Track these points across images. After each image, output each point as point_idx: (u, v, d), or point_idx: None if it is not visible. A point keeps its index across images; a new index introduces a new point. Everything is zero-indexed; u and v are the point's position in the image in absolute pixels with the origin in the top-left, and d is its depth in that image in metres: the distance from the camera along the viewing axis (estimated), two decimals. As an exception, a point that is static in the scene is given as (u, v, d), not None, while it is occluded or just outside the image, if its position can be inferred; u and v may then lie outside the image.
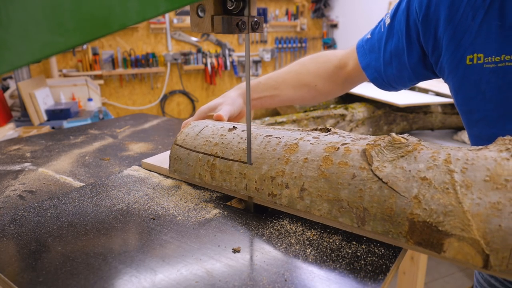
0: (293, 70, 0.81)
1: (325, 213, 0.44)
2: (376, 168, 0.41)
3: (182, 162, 0.59)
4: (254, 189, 0.50)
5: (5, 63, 0.25)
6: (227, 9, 0.43)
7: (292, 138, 0.51)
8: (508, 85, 0.53)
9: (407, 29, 0.64)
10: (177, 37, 4.00)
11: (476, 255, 0.35)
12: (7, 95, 2.46)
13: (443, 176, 0.38)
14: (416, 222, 0.38)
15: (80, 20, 0.26)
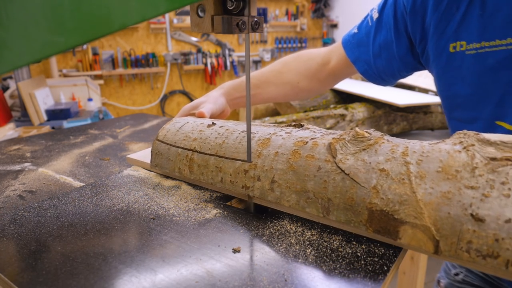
0: (275, 69, 0.83)
1: (294, 204, 0.47)
2: (339, 161, 0.44)
3: (163, 157, 0.61)
4: (229, 182, 0.53)
5: (5, 63, 0.25)
6: (227, 9, 0.43)
7: (266, 133, 0.53)
8: (486, 70, 0.56)
9: (395, 21, 0.67)
10: (177, 37, 4.00)
11: (427, 241, 0.37)
12: (7, 95, 2.46)
13: (400, 168, 0.40)
14: (374, 211, 0.40)
15: (80, 20, 0.26)
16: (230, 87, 0.82)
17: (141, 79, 3.97)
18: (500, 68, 0.55)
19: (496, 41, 0.54)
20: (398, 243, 0.40)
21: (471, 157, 0.38)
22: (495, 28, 0.54)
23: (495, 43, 0.54)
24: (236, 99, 0.82)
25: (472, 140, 0.39)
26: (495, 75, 0.56)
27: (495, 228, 0.34)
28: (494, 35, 0.54)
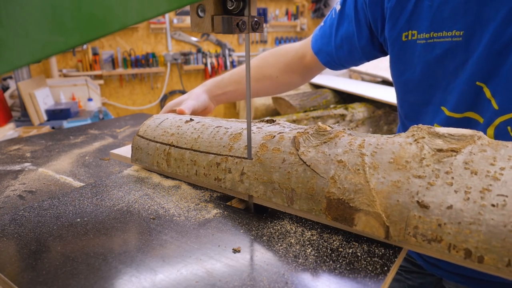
0: (255, 64, 0.86)
1: (261, 194, 0.49)
2: (302, 153, 0.46)
3: (143, 152, 0.63)
4: (203, 174, 0.55)
5: (5, 63, 0.25)
6: (227, 9, 0.43)
7: (239, 128, 0.55)
8: (435, 59, 0.59)
9: (356, 13, 0.70)
10: (177, 37, 4.00)
11: (379, 227, 0.40)
12: (7, 95, 2.46)
13: (355, 159, 0.42)
14: (332, 200, 0.43)
15: (80, 20, 0.26)
16: (212, 85, 0.85)
17: (141, 79, 3.97)
18: (446, 57, 0.58)
19: (443, 32, 0.57)
20: (354, 229, 0.42)
21: (420, 148, 0.40)
22: (443, 19, 0.57)
23: (443, 34, 0.57)
24: (218, 95, 0.84)
25: (423, 133, 0.42)
26: (442, 64, 0.59)
27: (438, 214, 0.36)
28: (442, 26, 0.57)
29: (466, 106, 0.59)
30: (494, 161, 0.37)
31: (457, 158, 0.38)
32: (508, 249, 0.33)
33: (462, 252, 0.36)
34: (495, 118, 0.56)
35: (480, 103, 0.57)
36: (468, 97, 0.58)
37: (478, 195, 0.35)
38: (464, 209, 0.35)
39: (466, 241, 0.35)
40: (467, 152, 0.39)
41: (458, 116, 0.60)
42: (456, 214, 0.36)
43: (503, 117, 0.56)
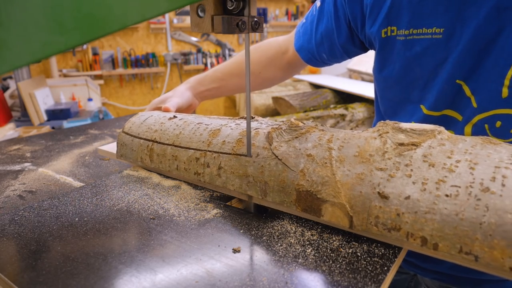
0: (238, 60, 0.86)
1: (237, 187, 0.51)
2: (274, 148, 0.48)
3: (127, 148, 0.65)
4: (183, 169, 0.57)
5: (5, 63, 0.25)
6: (227, 9, 0.43)
7: (218, 124, 0.57)
8: (414, 56, 0.59)
9: (335, 10, 0.69)
10: (177, 37, 4.00)
11: (344, 217, 0.42)
12: (7, 95, 2.46)
13: (324, 153, 0.44)
14: (301, 192, 0.45)
15: (80, 20, 0.26)
16: (196, 82, 0.86)
17: (141, 79, 3.97)
18: (425, 55, 0.58)
19: (423, 29, 0.57)
20: (321, 220, 0.45)
21: (384, 142, 0.42)
22: (423, 16, 0.56)
23: (422, 31, 0.57)
24: (202, 92, 0.86)
25: (388, 128, 0.44)
26: (421, 61, 0.59)
27: (397, 204, 0.38)
28: (421, 23, 0.57)
29: (445, 104, 0.59)
30: (451, 154, 0.39)
31: (416, 151, 0.40)
32: (460, 236, 0.35)
33: (419, 239, 0.38)
34: (473, 116, 0.57)
35: (459, 101, 0.58)
36: (447, 95, 0.58)
37: (434, 186, 0.37)
38: (420, 199, 0.37)
39: (422, 229, 0.37)
40: (427, 146, 0.41)
41: (436, 114, 0.60)
42: (413, 204, 0.38)
43: (481, 115, 0.56)
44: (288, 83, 3.16)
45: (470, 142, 0.40)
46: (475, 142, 0.40)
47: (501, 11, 0.50)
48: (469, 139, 0.41)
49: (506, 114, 0.54)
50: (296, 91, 3.01)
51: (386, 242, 0.41)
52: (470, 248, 0.35)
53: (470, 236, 0.35)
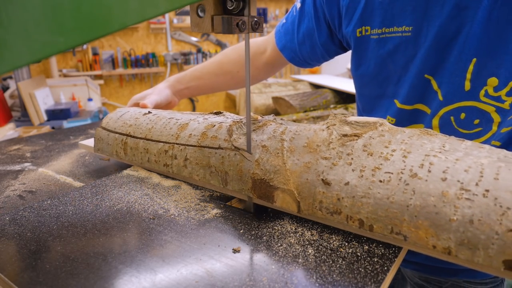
0: (216, 60, 0.90)
1: (201, 178, 0.55)
2: (233, 140, 0.51)
3: (104, 142, 0.68)
4: (154, 161, 0.61)
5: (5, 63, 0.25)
6: (227, 9, 0.43)
7: (187, 119, 0.60)
8: (387, 53, 0.62)
9: (315, 11, 0.72)
10: (177, 37, 4.00)
11: (293, 203, 0.45)
12: (7, 95, 2.46)
13: (277, 144, 0.48)
14: (256, 180, 0.48)
15: (80, 20, 0.26)
16: (175, 80, 0.90)
17: (141, 79, 3.97)
18: (397, 52, 0.61)
19: (394, 28, 0.60)
20: (274, 206, 0.48)
21: (330, 134, 0.45)
22: (393, 16, 0.60)
23: (393, 30, 0.60)
24: (180, 90, 0.90)
25: (335, 121, 0.47)
26: (393, 58, 0.62)
27: (338, 190, 0.42)
28: (392, 22, 0.60)
29: (416, 98, 0.62)
30: (389, 144, 0.42)
31: (358, 142, 0.44)
32: (391, 218, 0.39)
33: (357, 222, 0.41)
34: (439, 109, 0.60)
35: (428, 95, 0.61)
36: (417, 90, 0.61)
37: (370, 173, 0.41)
38: (358, 184, 0.41)
39: (359, 212, 0.40)
40: (368, 136, 0.44)
41: (408, 108, 0.64)
42: (351, 189, 0.41)
43: (446, 108, 0.59)
44: (288, 83, 3.16)
45: (408, 134, 0.44)
46: (413, 133, 0.44)
47: (461, 9, 0.54)
48: (408, 130, 0.44)
49: (470, 106, 0.58)
50: (296, 91, 3.01)
51: (330, 224, 0.45)
52: (399, 228, 0.38)
53: (399, 217, 0.38)
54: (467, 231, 0.35)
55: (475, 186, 0.36)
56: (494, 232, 0.34)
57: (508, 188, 0.35)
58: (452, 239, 0.36)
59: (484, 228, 0.34)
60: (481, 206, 0.35)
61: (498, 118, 0.57)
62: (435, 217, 0.36)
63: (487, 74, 0.55)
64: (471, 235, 0.35)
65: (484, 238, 0.34)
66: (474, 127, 0.59)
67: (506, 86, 0.54)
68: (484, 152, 0.39)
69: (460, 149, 0.40)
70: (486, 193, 0.35)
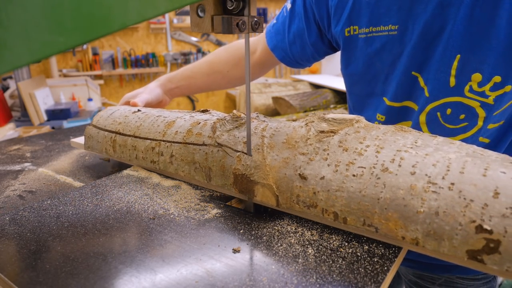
0: (207, 60, 0.91)
1: (187, 173, 0.56)
2: (217, 136, 0.53)
3: (93, 140, 0.70)
4: (141, 158, 0.62)
5: (5, 63, 0.25)
6: (227, 9, 0.43)
7: (174, 117, 0.62)
8: (375, 52, 0.64)
9: (305, 11, 0.74)
10: (177, 37, 4.00)
11: (271, 197, 0.47)
12: (7, 95, 2.46)
13: (257, 140, 0.49)
14: (238, 175, 0.50)
15: (80, 20, 0.26)
16: (166, 80, 0.91)
17: (141, 79, 3.97)
18: (384, 50, 0.63)
19: (381, 26, 0.62)
20: (255, 200, 0.49)
21: (308, 130, 0.47)
22: (379, 15, 0.61)
23: (380, 29, 0.62)
24: (171, 90, 0.91)
25: (314, 118, 0.48)
26: (381, 57, 0.64)
27: (314, 184, 0.43)
28: (379, 21, 0.62)
29: (404, 96, 0.64)
30: (364, 140, 0.44)
31: (334, 138, 0.45)
32: (363, 211, 0.40)
33: (332, 215, 0.43)
34: (426, 105, 0.61)
35: (415, 92, 0.62)
36: (405, 87, 0.63)
37: (344, 167, 0.42)
38: (332, 179, 0.42)
39: (334, 206, 0.42)
40: (344, 133, 0.45)
41: (397, 105, 0.65)
42: (327, 183, 0.42)
43: (433, 104, 0.61)
44: (288, 83, 3.16)
45: (383, 130, 0.45)
46: (387, 130, 0.45)
47: (444, 7, 0.56)
48: (383, 127, 0.46)
49: (455, 102, 0.59)
50: (296, 91, 3.01)
51: (307, 217, 0.46)
52: (371, 220, 0.40)
53: (371, 210, 0.40)
54: (433, 222, 0.36)
55: (442, 180, 0.37)
56: (458, 223, 0.35)
57: (472, 181, 0.36)
58: (419, 230, 0.37)
59: (448, 220, 0.35)
60: (446, 198, 0.36)
61: (483, 113, 0.58)
62: (404, 209, 0.38)
63: (471, 70, 0.56)
64: (437, 226, 0.36)
65: (449, 229, 0.35)
66: (460, 122, 0.60)
67: (489, 81, 0.55)
68: (454, 147, 0.41)
69: (432, 145, 0.42)
70: (452, 186, 0.36)
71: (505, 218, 0.33)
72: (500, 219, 0.33)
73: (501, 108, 0.57)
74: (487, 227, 0.34)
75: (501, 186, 0.35)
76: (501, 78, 0.55)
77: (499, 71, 0.54)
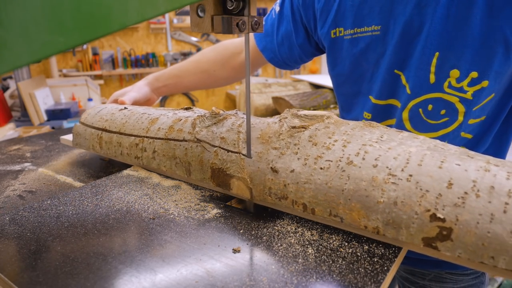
0: (194, 59, 0.93)
1: (168, 168, 0.59)
2: (196, 132, 0.55)
3: (81, 137, 0.72)
4: (126, 154, 0.64)
5: (5, 63, 0.25)
6: (227, 9, 0.43)
7: (158, 114, 0.64)
8: (359, 53, 0.67)
9: (292, 14, 0.77)
10: (177, 37, 4.00)
11: (246, 190, 0.49)
12: (7, 95, 2.46)
13: (234, 135, 0.51)
14: (215, 169, 0.52)
15: (80, 20, 0.26)
16: (153, 78, 0.93)
17: (141, 79, 3.97)
18: (368, 50, 0.65)
19: (364, 27, 0.64)
20: (231, 193, 0.52)
21: (281, 126, 0.49)
22: (363, 16, 0.64)
23: (364, 30, 0.65)
24: (159, 88, 0.93)
25: (288, 114, 0.50)
26: (366, 56, 0.66)
27: (284, 177, 0.45)
28: (363, 22, 0.64)
29: (388, 93, 0.66)
30: (332, 135, 0.46)
31: (304, 133, 0.47)
32: (329, 202, 0.42)
33: (301, 206, 0.45)
34: (408, 102, 0.64)
35: (398, 90, 0.65)
36: (388, 85, 0.65)
37: (313, 161, 0.44)
38: (301, 172, 0.44)
39: (303, 197, 0.44)
40: (314, 128, 0.47)
41: (382, 103, 0.68)
42: (296, 176, 0.44)
43: (414, 101, 0.63)
44: (288, 83, 3.15)
45: (352, 126, 0.47)
46: (356, 125, 0.47)
47: (422, 7, 0.58)
48: (352, 123, 0.48)
49: (436, 98, 0.61)
50: (296, 91, 3.01)
51: (279, 209, 0.48)
52: (336, 211, 0.42)
53: (336, 201, 0.42)
54: (392, 212, 0.38)
55: (401, 172, 0.39)
56: (414, 212, 0.37)
57: (428, 173, 0.38)
58: (379, 219, 0.39)
59: (406, 209, 0.37)
60: (404, 189, 0.38)
61: (462, 108, 0.61)
62: (366, 200, 0.40)
63: (449, 67, 0.58)
64: (395, 216, 0.38)
65: (406, 218, 0.37)
66: (441, 117, 0.62)
67: (467, 77, 0.58)
68: (417, 142, 0.43)
69: (396, 139, 0.44)
70: (410, 178, 0.38)
71: (457, 207, 0.35)
72: (452, 208, 0.35)
73: (480, 104, 0.60)
74: (440, 215, 0.36)
75: (454, 177, 0.37)
76: (477, 74, 0.57)
77: (476, 67, 0.57)
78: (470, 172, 0.37)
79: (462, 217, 0.35)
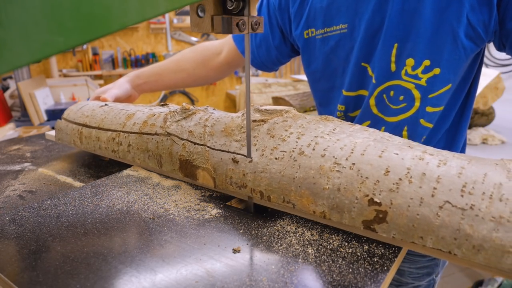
0: (175, 59, 0.97)
1: (142, 161, 0.62)
2: (167, 127, 0.58)
3: (63, 132, 0.75)
4: (104, 148, 0.67)
5: (5, 63, 0.25)
6: (227, 9, 0.43)
7: (135, 110, 0.67)
8: (330, 50, 0.72)
9: (269, 17, 0.83)
10: (177, 37, 3.99)
11: (210, 179, 0.53)
12: (7, 95, 2.46)
13: (200, 129, 0.55)
14: (183, 161, 0.55)
15: (80, 20, 0.26)
16: (134, 75, 0.96)
17: (141, 79, 3.96)
18: (338, 47, 0.71)
19: (333, 27, 0.70)
20: (197, 182, 0.56)
21: (243, 120, 0.52)
22: (331, 17, 0.70)
23: (333, 29, 0.70)
24: (140, 85, 0.96)
25: (251, 109, 0.53)
26: (336, 53, 0.72)
27: (244, 167, 0.48)
28: (331, 22, 0.70)
29: (357, 85, 0.72)
30: (289, 128, 0.49)
31: (264, 126, 0.50)
32: (282, 189, 0.45)
33: (259, 194, 0.48)
34: (374, 90, 0.69)
35: (365, 80, 0.70)
36: (357, 77, 0.71)
37: (269, 152, 0.47)
38: (259, 162, 0.47)
39: (259, 185, 0.47)
40: (272, 122, 0.50)
41: (353, 94, 0.73)
42: (254, 166, 0.48)
43: (379, 88, 0.69)
44: (288, 83, 3.15)
45: (308, 120, 0.50)
46: (312, 119, 0.50)
47: (382, 4, 0.64)
48: (309, 117, 0.51)
49: (396, 85, 0.67)
50: (296, 91, 3.01)
51: (241, 197, 0.51)
52: (289, 198, 0.45)
53: (288, 188, 0.45)
54: (336, 197, 0.41)
55: (345, 161, 0.42)
56: (355, 197, 0.40)
57: (369, 162, 0.41)
58: (325, 204, 0.42)
59: (348, 195, 0.40)
60: (347, 176, 0.41)
61: (418, 94, 0.66)
62: (313, 186, 0.43)
63: (405, 56, 0.64)
64: (339, 201, 0.41)
65: (348, 202, 0.40)
66: (400, 103, 0.68)
67: (420, 65, 0.64)
68: (366, 134, 0.46)
69: (347, 132, 0.47)
70: (352, 166, 0.41)
71: (392, 192, 0.38)
72: (388, 193, 0.38)
73: (437, 92, 0.65)
74: (377, 200, 0.39)
75: (392, 165, 0.40)
76: (430, 62, 0.63)
77: (428, 56, 0.63)
78: (405, 161, 0.40)
79: (396, 201, 0.38)
